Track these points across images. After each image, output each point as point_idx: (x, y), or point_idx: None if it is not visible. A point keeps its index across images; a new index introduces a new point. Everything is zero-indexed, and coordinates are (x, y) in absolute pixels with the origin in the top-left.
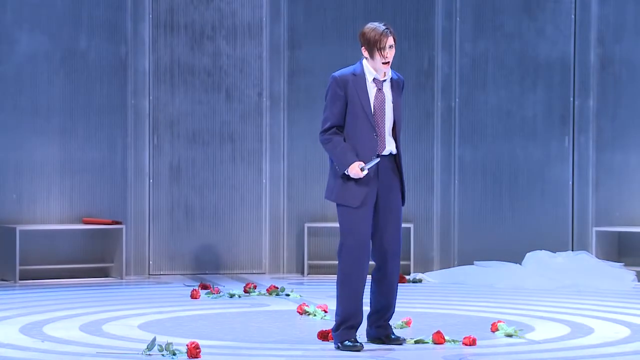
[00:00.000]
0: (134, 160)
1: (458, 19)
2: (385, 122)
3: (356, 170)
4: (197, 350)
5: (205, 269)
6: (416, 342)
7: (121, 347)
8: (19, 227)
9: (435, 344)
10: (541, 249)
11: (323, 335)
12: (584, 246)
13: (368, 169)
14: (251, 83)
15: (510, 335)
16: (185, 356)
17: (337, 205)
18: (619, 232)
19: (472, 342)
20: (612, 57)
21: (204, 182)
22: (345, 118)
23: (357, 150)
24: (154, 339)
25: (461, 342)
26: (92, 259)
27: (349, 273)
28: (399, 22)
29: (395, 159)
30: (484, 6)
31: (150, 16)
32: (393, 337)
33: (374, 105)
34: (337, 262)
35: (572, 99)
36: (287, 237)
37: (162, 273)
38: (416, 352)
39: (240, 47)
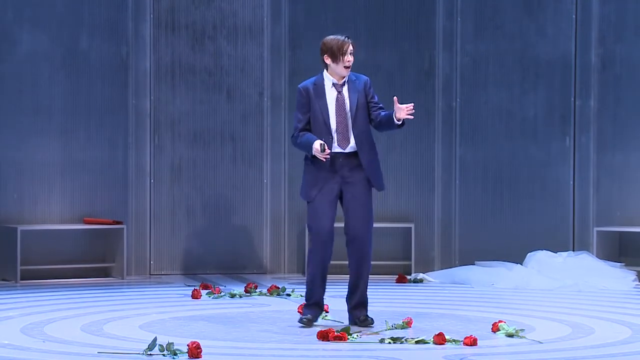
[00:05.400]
0: (135, 160)
1: (459, 18)
2: (348, 121)
3: (316, 147)
4: (198, 350)
5: (206, 269)
6: (417, 342)
7: (122, 347)
8: (20, 227)
9: (436, 344)
10: (542, 249)
11: (323, 336)
12: (584, 246)
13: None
14: (252, 83)
15: (511, 336)
16: (186, 356)
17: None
18: (620, 232)
19: (473, 342)
20: (613, 57)
21: (205, 182)
22: (310, 121)
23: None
24: (155, 339)
25: (462, 342)
26: (93, 259)
27: (311, 258)
28: (400, 22)
29: (357, 155)
30: (484, 6)
31: (151, 16)
32: (362, 317)
33: (335, 108)
34: (337, 262)
35: (572, 99)
36: (288, 237)
37: (163, 273)
38: (417, 352)
39: (241, 47)
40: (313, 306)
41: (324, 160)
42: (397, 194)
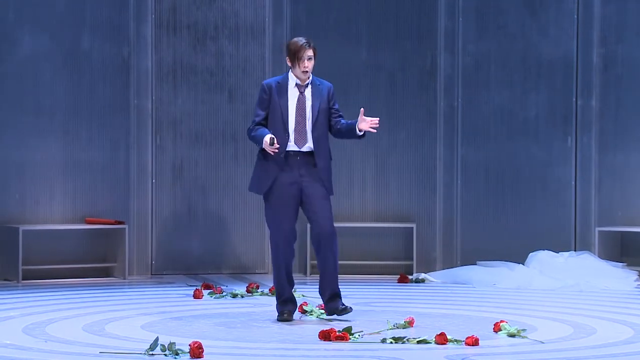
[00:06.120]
0: (136, 160)
1: (461, 19)
2: (307, 121)
3: (266, 140)
4: (200, 350)
5: (208, 268)
6: (419, 342)
7: (124, 347)
8: (21, 227)
9: (437, 344)
10: (544, 249)
11: (324, 335)
12: (586, 246)
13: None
14: (254, 83)
15: (512, 336)
16: (188, 356)
17: (263, 198)
18: (622, 232)
19: (474, 342)
20: (615, 57)
21: (207, 182)
22: (268, 117)
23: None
24: (157, 339)
25: (464, 342)
26: (94, 258)
27: (274, 256)
28: (402, 22)
29: (314, 155)
30: (486, 6)
31: (153, 16)
32: (341, 307)
33: (295, 108)
34: (339, 261)
35: (574, 99)
36: None
37: (164, 273)
38: (419, 352)
39: (242, 47)
40: (286, 302)
41: (272, 154)
42: (399, 194)
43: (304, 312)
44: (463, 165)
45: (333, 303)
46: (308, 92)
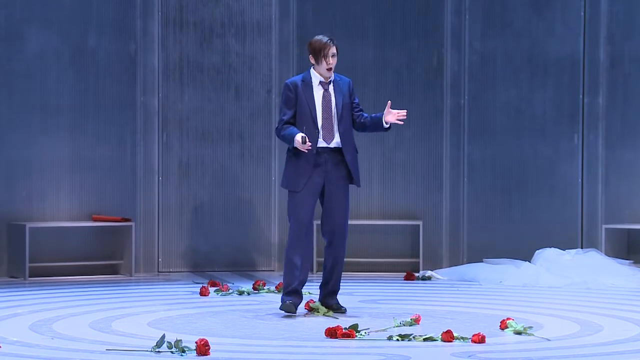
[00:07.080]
0: (143, 157)
1: (467, 16)
2: (333, 118)
3: (298, 139)
4: (207, 348)
5: (214, 266)
6: (425, 339)
7: (130, 344)
8: (28, 225)
9: (444, 341)
10: (550, 247)
11: (331, 332)
12: (593, 244)
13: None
14: (260, 80)
15: (519, 333)
16: (195, 353)
17: (288, 191)
18: (628, 230)
19: (481, 340)
20: (622, 54)
21: (213, 179)
22: (295, 116)
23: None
24: (163, 336)
25: (470, 340)
26: (101, 256)
27: (290, 248)
28: (408, 19)
29: (341, 151)
30: (493, 4)
31: (160, 13)
32: (336, 306)
33: (321, 105)
34: (345, 258)
35: (581, 96)
36: None
37: (171, 270)
38: (425, 350)
39: (249, 45)
40: (291, 294)
41: (306, 151)
42: (406, 191)
43: (310, 309)
44: (469, 162)
45: (331, 299)
46: (331, 89)
